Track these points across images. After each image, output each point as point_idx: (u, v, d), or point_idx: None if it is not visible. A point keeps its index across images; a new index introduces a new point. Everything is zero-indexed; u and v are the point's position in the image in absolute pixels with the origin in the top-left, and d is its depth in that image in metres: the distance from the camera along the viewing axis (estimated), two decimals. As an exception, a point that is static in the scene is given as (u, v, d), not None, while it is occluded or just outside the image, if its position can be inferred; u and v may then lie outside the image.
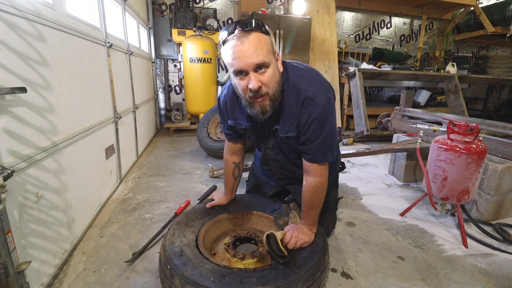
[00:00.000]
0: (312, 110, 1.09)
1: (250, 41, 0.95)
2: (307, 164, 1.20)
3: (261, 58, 0.96)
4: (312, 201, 1.20)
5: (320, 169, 1.18)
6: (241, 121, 1.27)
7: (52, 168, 1.36)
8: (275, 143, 1.30)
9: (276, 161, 1.40)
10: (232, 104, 1.27)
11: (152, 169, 2.83)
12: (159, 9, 4.50)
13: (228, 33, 0.98)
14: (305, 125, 1.12)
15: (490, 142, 2.08)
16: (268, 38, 1.00)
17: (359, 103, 3.89)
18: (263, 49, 0.97)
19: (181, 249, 1.16)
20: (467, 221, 1.91)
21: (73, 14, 1.68)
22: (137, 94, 3.18)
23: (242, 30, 0.95)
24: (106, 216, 1.91)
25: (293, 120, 1.14)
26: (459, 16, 5.88)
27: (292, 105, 1.12)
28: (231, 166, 1.48)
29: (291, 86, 1.13)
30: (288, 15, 4.37)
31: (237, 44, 0.95)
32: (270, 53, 1.01)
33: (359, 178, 2.77)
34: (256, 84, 0.98)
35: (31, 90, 1.20)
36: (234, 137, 1.40)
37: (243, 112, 1.22)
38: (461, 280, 1.40)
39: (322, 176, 1.19)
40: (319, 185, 1.19)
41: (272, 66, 1.02)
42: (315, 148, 1.15)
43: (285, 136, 1.19)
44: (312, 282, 1.07)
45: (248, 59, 0.95)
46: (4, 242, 0.98)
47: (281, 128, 1.18)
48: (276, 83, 1.05)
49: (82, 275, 1.36)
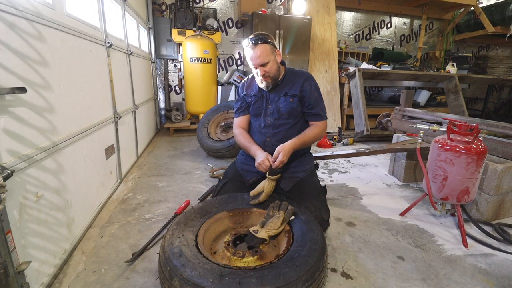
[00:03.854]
0: (311, 83, 1.75)
1: (257, 50, 1.59)
2: (316, 123, 1.77)
3: (262, 60, 1.61)
4: (308, 133, 1.71)
5: (323, 123, 1.77)
6: (251, 92, 1.83)
7: (52, 168, 1.36)
8: (275, 108, 1.75)
9: (272, 127, 1.77)
10: (248, 83, 1.89)
11: (152, 169, 2.83)
12: (159, 9, 4.50)
13: (247, 44, 1.63)
14: (309, 91, 1.72)
15: (490, 142, 2.08)
16: (268, 46, 1.60)
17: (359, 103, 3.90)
18: (263, 54, 1.59)
19: (180, 249, 1.16)
20: (467, 221, 1.91)
21: (73, 14, 1.68)
22: (137, 94, 3.18)
23: (253, 44, 1.59)
24: (106, 216, 1.91)
25: (297, 86, 1.73)
26: (459, 16, 5.88)
27: (296, 79, 1.74)
28: (245, 132, 1.87)
29: (294, 72, 1.78)
30: (288, 15, 4.37)
31: (251, 52, 1.60)
32: (269, 54, 1.62)
33: (359, 178, 2.77)
34: (261, 72, 1.64)
35: (31, 90, 1.20)
36: (244, 109, 1.88)
37: (254, 88, 1.82)
38: (461, 280, 1.40)
39: (321, 128, 1.76)
40: (318, 130, 1.74)
41: (271, 61, 1.63)
42: (319, 110, 1.76)
43: (291, 95, 1.72)
44: (312, 282, 1.07)
45: (256, 61, 1.61)
46: (4, 242, 0.98)
47: (289, 91, 1.74)
48: (275, 70, 1.67)
49: (82, 275, 1.36)
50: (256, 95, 1.80)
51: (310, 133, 1.71)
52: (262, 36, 1.60)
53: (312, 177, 1.82)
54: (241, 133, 1.85)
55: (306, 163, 1.81)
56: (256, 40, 1.58)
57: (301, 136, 1.68)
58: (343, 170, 2.97)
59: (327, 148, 3.89)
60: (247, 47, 1.62)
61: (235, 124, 1.91)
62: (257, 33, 1.61)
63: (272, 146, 1.74)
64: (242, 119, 1.89)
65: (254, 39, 1.59)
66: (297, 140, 1.65)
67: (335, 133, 4.32)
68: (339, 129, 4.23)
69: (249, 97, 1.83)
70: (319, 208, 1.69)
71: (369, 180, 2.73)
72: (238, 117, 1.90)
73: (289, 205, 1.46)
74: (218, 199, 1.62)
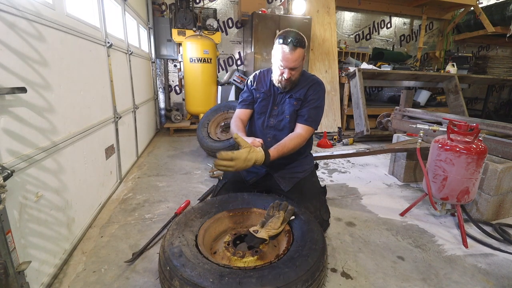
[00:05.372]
0: (317, 88, 1.69)
1: (294, 54, 1.50)
2: (298, 125, 1.66)
3: (295, 65, 1.55)
4: (288, 141, 1.57)
5: (305, 129, 1.64)
6: (261, 88, 1.78)
7: (52, 168, 1.36)
8: (280, 109, 1.72)
9: (274, 129, 1.74)
10: (260, 78, 1.81)
11: (152, 169, 2.83)
12: (159, 9, 4.50)
13: (284, 43, 1.50)
14: (311, 94, 1.67)
15: (490, 142, 2.08)
16: (303, 52, 1.54)
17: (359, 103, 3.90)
18: (298, 59, 1.54)
19: (180, 249, 1.16)
20: (467, 221, 1.91)
21: (73, 14, 1.68)
22: (137, 94, 3.18)
23: (293, 46, 1.48)
24: (106, 216, 1.91)
25: (302, 91, 1.68)
26: (459, 16, 5.88)
27: (305, 84, 1.70)
28: (240, 121, 1.76)
29: (306, 76, 1.74)
30: (288, 15, 4.37)
31: (287, 52, 1.50)
32: (302, 59, 1.57)
33: (359, 178, 2.77)
34: (288, 76, 1.58)
35: (31, 90, 1.20)
36: (248, 103, 1.80)
37: (264, 85, 1.77)
38: (461, 280, 1.40)
39: (303, 136, 1.62)
40: (299, 137, 1.61)
41: (299, 68, 1.59)
42: (309, 112, 1.65)
43: (296, 98, 1.68)
44: (312, 282, 1.07)
45: (289, 64, 1.53)
46: (4, 242, 0.98)
47: (294, 94, 1.69)
48: (299, 75, 1.64)
49: (82, 275, 1.36)
50: (265, 92, 1.75)
51: (290, 144, 1.55)
52: (302, 39, 1.51)
53: (312, 178, 1.82)
54: (235, 122, 1.75)
55: (306, 163, 1.81)
56: (296, 43, 1.48)
57: (280, 148, 1.51)
58: (343, 170, 2.97)
59: (327, 148, 3.89)
60: (283, 45, 1.49)
61: (235, 115, 1.81)
62: (296, 34, 1.50)
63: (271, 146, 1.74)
64: (244, 112, 1.81)
65: (294, 41, 1.48)
66: (275, 152, 1.49)
67: (335, 133, 4.32)
68: (339, 129, 4.23)
69: (258, 92, 1.77)
70: (319, 209, 1.69)
71: (369, 180, 2.73)
72: (240, 109, 1.81)
73: (289, 205, 1.46)
74: (218, 199, 1.62)
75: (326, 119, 4.64)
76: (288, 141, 1.56)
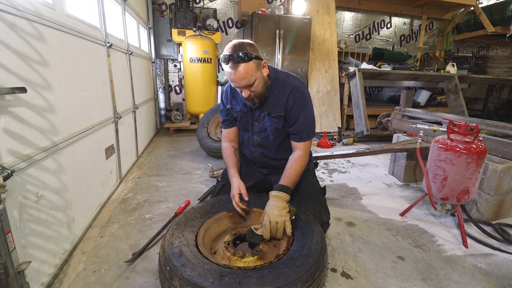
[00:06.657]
0: (296, 96, 1.49)
1: (239, 71, 1.29)
2: (295, 144, 1.56)
3: (246, 82, 1.34)
4: (295, 167, 1.49)
5: (304, 145, 1.55)
6: (236, 106, 1.63)
7: (52, 168, 1.36)
8: (262, 126, 1.60)
9: (260, 146, 1.67)
10: (231, 93, 1.65)
11: (152, 169, 2.83)
12: (159, 9, 4.50)
13: (223, 62, 1.31)
14: (292, 107, 1.49)
15: (490, 142, 2.08)
16: (252, 64, 1.31)
17: (359, 103, 3.90)
18: (248, 75, 1.31)
19: (180, 249, 1.16)
20: (467, 221, 1.91)
21: (73, 14, 1.68)
22: (137, 94, 3.18)
23: (234, 63, 1.28)
24: (106, 216, 1.91)
25: (281, 104, 1.51)
26: (459, 16, 5.88)
27: (281, 95, 1.50)
28: (231, 149, 1.71)
29: (280, 82, 1.51)
30: (288, 15, 4.37)
31: (231, 73, 1.31)
32: (255, 72, 1.34)
33: (359, 178, 2.77)
34: (246, 94, 1.41)
35: (31, 90, 1.20)
36: (231, 122, 1.70)
37: (238, 101, 1.62)
38: (461, 280, 1.40)
39: (304, 151, 1.54)
40: (302, 157, 1.53)
41: (257, 79, 1.37)
42: (301, 128, 1.51)
43: (275, 116, 1.53)
44: (312, 282, 1.07)
45: (239, 84, 1.35)
46: (4, 242, 0.98)
47: (272, 110, 1.53)
48: (262, 87, 1.43)
49: (82, 275, 1.36)
50: (241, 110, 1.61)
51: (295, 171, 1.48)
52: (244, 52, 1.27)
53: (312, 179, 1.80)
54: (226, 149, 1.70)
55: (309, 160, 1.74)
56: (237, 58, 1.26)
57: (288, 180, 1.44)
58: (343, 170, 2.97)
59: (327, 148, 3.89)
60: (225, 66, 1.32)
61: (223, 136, 1.77)
62: (236, 46, 1.29)
63: (262, 163, 1.72)
64: (230, 131, 1.73)
65: (234, 57, 1.26)
66: (290, 184, 1.43)
67: (335, 133, 4.32)
68: (339, 129, 4.23)
69: (234, 111, 1.65)
70: (319, 211, 1.68)
71: (369, 180, 2.73)
72: (225, 129, 1.73)
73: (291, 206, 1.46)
74: (218, 199, 1.62)
75: (326, 119, 4.65)
76: (293, 171, 1.47)
